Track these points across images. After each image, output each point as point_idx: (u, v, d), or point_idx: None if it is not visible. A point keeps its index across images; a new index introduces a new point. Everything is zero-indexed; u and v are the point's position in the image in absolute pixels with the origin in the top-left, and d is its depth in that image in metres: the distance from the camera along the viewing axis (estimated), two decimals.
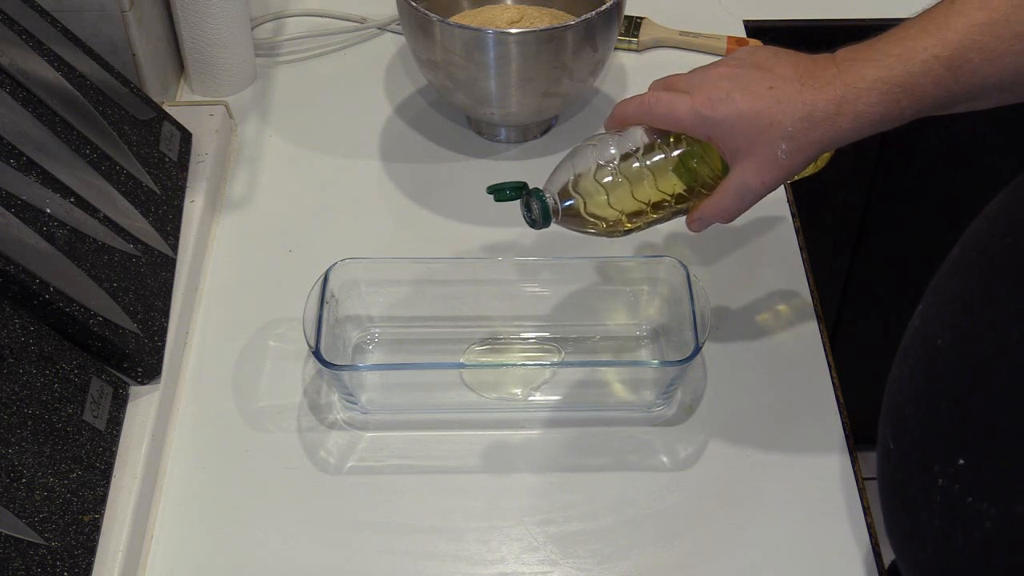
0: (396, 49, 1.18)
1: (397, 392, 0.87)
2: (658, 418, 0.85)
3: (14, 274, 0.74)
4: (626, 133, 0.79)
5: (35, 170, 0.80)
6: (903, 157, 1.31)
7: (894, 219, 1.40)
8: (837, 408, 0.85)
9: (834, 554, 0.77)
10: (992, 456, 0.58)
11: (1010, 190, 0.63)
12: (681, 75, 0.77)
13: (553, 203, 0.79)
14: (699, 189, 0.78)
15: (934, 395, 0.61)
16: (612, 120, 0.79)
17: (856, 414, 0.87)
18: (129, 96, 0.96)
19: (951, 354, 0.61)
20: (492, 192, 0.81)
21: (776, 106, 0.71)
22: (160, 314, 0.86)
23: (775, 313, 0.93)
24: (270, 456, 0.83)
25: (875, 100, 0.69)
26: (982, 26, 0.66)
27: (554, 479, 0.82)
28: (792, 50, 0.75)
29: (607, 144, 0.78)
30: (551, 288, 0.91)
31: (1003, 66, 0.66)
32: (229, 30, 1.07)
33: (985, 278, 0.60)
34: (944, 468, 0.59)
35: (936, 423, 0.61)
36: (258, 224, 1.00)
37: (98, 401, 0.78)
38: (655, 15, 1.20)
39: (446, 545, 0.78)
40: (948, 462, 0.59)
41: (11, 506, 0.68)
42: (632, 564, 0.77)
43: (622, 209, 0.78)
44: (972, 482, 0.58)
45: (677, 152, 0.78)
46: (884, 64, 0.69)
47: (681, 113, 0.74)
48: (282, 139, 1.08)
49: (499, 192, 0.81)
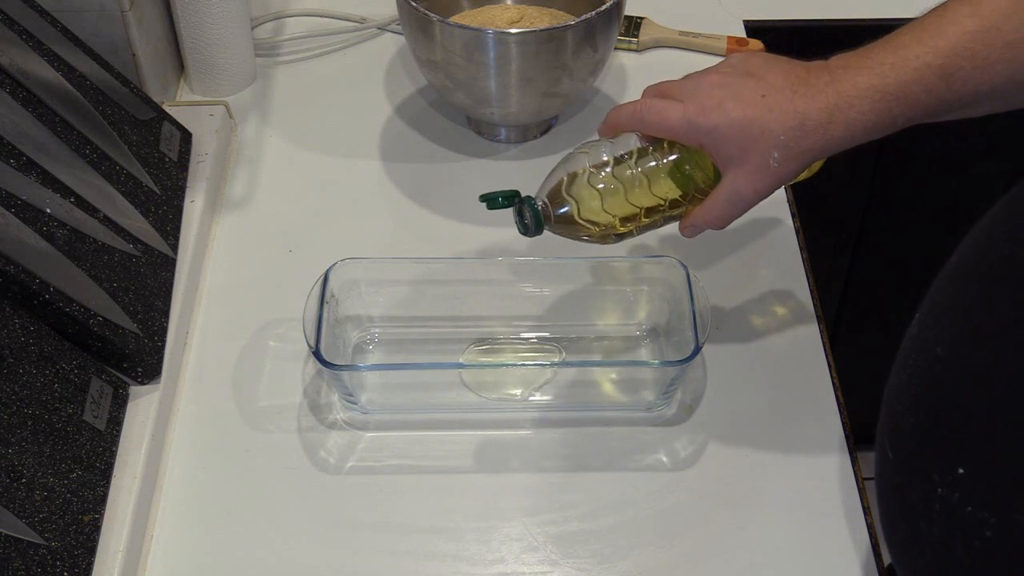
0: (396, 49, 1.18)
1: (397, 392, 0.87)
2: (658, 418, 0.85)
3: (14, 274, 0.74)
4: (619, 140, 0.79)
5: (35, 170, 0.80)
6: (902, 157, 1.31)
7: (894, 219, 1.40)
8: (837, 408, 0.85)
9: (834, 554, 0.77)
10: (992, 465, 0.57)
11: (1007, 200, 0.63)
12: (674, 82, 0.77)
13: (545, 210, 0.79)
14: (692, 195, 0.78)
15: (933, 403, 0.61)
16: (605, 126, 0.79)
17: (856, 414, 0.87)
18: (129, 96, 0.96)
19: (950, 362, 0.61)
20: (485, 201, 0.82)
21: (768, 114, 0.71)
22: (160, 314, 0.86)
23: (775, 313, 0.93)
24: (270, 456, 0.83)
25: (867, 108, 0.69)
26: (974, 34, 0.66)
27: (554, 479, 0.82)
28: (785, 57, 0.75)
29: (600, 151, 0.79)
30: (551, 288, 0.91)
31: (995, 74, 0.66)
32: (229, 30, 1.07)
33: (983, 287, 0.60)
34: (943, 477, 0.59)
35: (935, 431, 0.61)
36: (258, 224, 1.00)
37: (98, 401, 0.78)
38: (655, 15, 1.20)
39: (446, 545, 0.78)
40: (947, 471, 0.59)
41: (11, 506, 0.68)
42: (632, 564, 0.77)
43: (614, 215, 0.78)
44: (972, 491, 0.58)
45: (669, 159, 0.78)
46: (877, 72, 0.69)
47: (673, 121, 0.74)
48: (282, 139, 1.08)
49: (492, 201, 0.81)
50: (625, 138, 0.79)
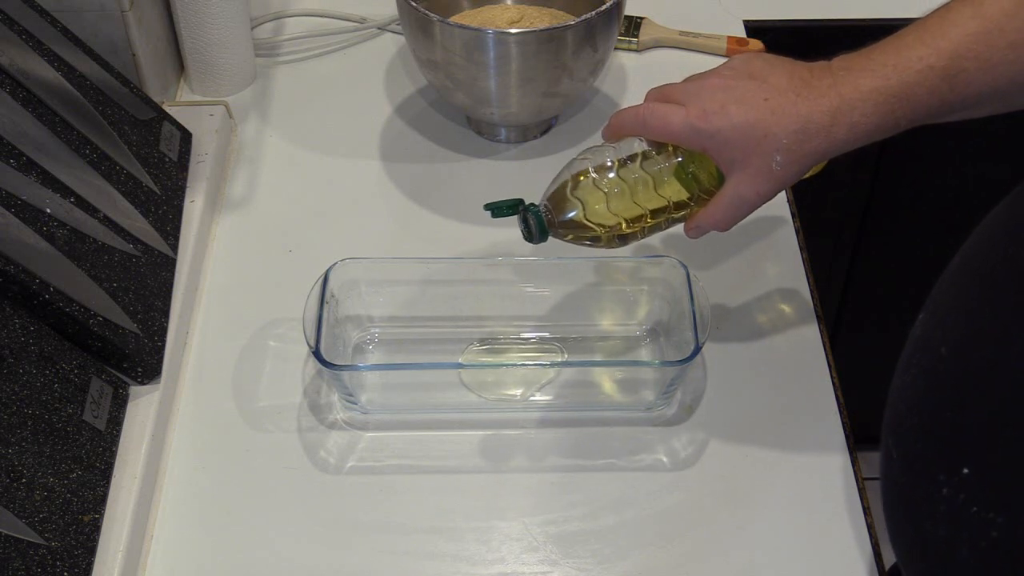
0: (396, 49, 1.18)
1: (397, 392, 0.87)
2: (658, 418, 0.85)
3: (14, 274, 0.74)
4: (622, 144, 0.79)
5: (35, 170, 0.80)
6: (903, 158, 1.31)
7: (894, 219, 1.40)
8: (837, 408, 0.85)
9: (834, 554, 0.77)
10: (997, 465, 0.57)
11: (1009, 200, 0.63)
12: (676, 85, 0.77)
13: (549, 216, 0.79)
14: (697, 196, 0.78)
15: (937, 404, 0.61)
16: (608, 131, 0.79)
17: (856, 414, 0.87)
18: (129, 96, 0.96)
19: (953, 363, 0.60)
20: (489, 209, 0.82)
21: (771, 117, 0.71)
22: (160, 314, 0.86)
23: (775, 313, 0.93)
24: (270, 456, 0.83)
25: (870, 110, 0.69)
26: (976, 35, 0.66)
27: (554, 479, 0.82)
28: (787, 58, 0.74)
29: (603, 155, 0.79)
30: (551, 288, 0.91)
31: (997, 75, 0.66)
32: (229, 30, 1.07)
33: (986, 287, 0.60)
34: (948, 477, 0.59)
35: (939, 432, 0.61)
36: (258, 224, 1.00)
37: (98, 401, 0.78)
38: (655, 15, 1.19)
39: (446, 545, 0.78)
40: (952, 471, 0.59)
41: (11, 506, 0.68)
42: (632, 564, 0.77)
43: (617, 220, 0.78)
44: (977, 492, 0.58)
45: (673, 162, 0.78)
46: (879, 74, 0.69)
47: (675, 125, 0.74)
48: (282, 139, 1.08)
49: (496, 209, 0.81)
50: (628, 142, 0.79)
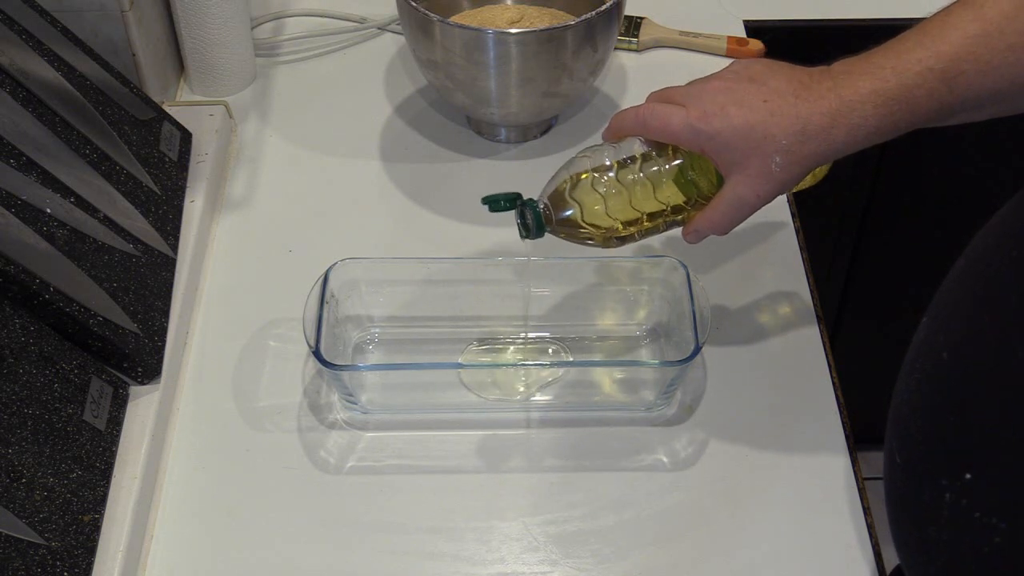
0: (396, 49, 1.18)
1: (397, 392, 0.87)
2: (658, 418, 0.85)
3: (14, 274, 0.74)
4: (622, 144, 0.79)
5: (35, 170, 0.80)
6: (903, 158, 1.31)
7: (894, 220, 1.40)
8: (837, 408, 0.85)
9: (834, 554, 0.77)
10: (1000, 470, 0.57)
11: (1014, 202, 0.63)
12: (678, 87, 0.77)
13: (547, 213, 0.79)
14: (695, 200, 0.78)
15: (940, 408, 0.61)
16: (609, 131, 0.80)
17: (856, 414, 0.87)
18: (129, 96, 0.96)
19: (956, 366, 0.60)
20: (487, 203, 0.82)
21: (770, 119, 0.71)
22: (160, 314, 0.86)
23: (775, 313, 0.93)
24: (270, 456, 0.83)
25: (870, 113, 0.69)
26: (976, 38, 0.66)
27: (554, 479, 0.82)
28: (787, 63, 0.75)
29: (603, 155, 0.79)
30: (551, 288, 0.91)
31: (997, 77, 0.66)
32: (229, 30, 1.07)
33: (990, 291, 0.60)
34: (951, 482, 0.59)
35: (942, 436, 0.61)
36: (258, 224, 1.00)
37: (98, 401, 0.78)
38: (655, 15, 1.19)
39: (446, 545, 0.78)
40: (955, 476, 0.59)
41: (11, 506, 0.68)
42: (632, 564, 0.77)
43: (616, 219, 0.78)
44: (980, 496, 0.58)
45: (673, 164, 0.78)
46: (879, 76, 0.69)
47: (676, 126, 0.74)
48: (282, 139, 1.08)
49: (494, 203, 0.81)
50: (628, 143, 0.79)
